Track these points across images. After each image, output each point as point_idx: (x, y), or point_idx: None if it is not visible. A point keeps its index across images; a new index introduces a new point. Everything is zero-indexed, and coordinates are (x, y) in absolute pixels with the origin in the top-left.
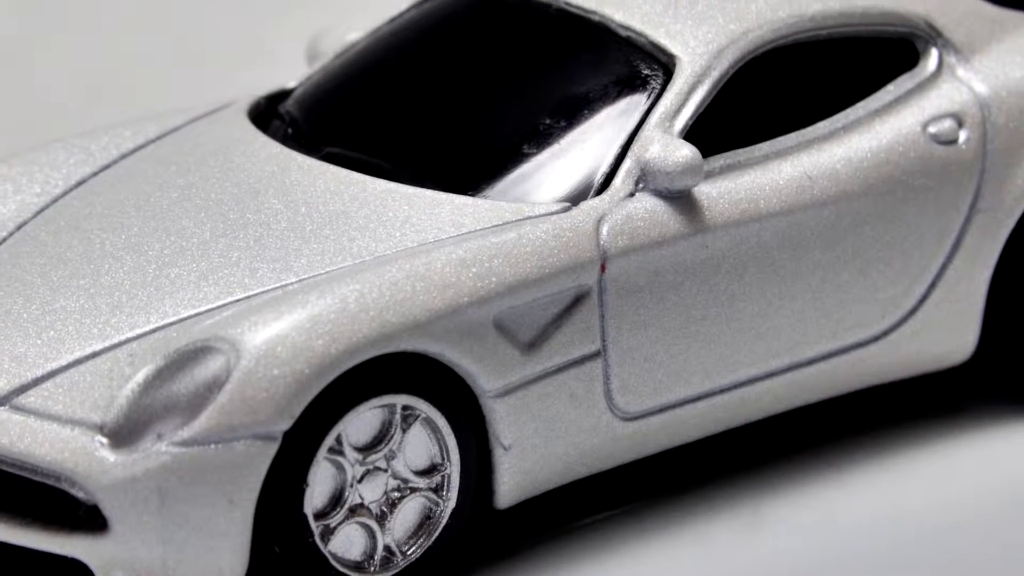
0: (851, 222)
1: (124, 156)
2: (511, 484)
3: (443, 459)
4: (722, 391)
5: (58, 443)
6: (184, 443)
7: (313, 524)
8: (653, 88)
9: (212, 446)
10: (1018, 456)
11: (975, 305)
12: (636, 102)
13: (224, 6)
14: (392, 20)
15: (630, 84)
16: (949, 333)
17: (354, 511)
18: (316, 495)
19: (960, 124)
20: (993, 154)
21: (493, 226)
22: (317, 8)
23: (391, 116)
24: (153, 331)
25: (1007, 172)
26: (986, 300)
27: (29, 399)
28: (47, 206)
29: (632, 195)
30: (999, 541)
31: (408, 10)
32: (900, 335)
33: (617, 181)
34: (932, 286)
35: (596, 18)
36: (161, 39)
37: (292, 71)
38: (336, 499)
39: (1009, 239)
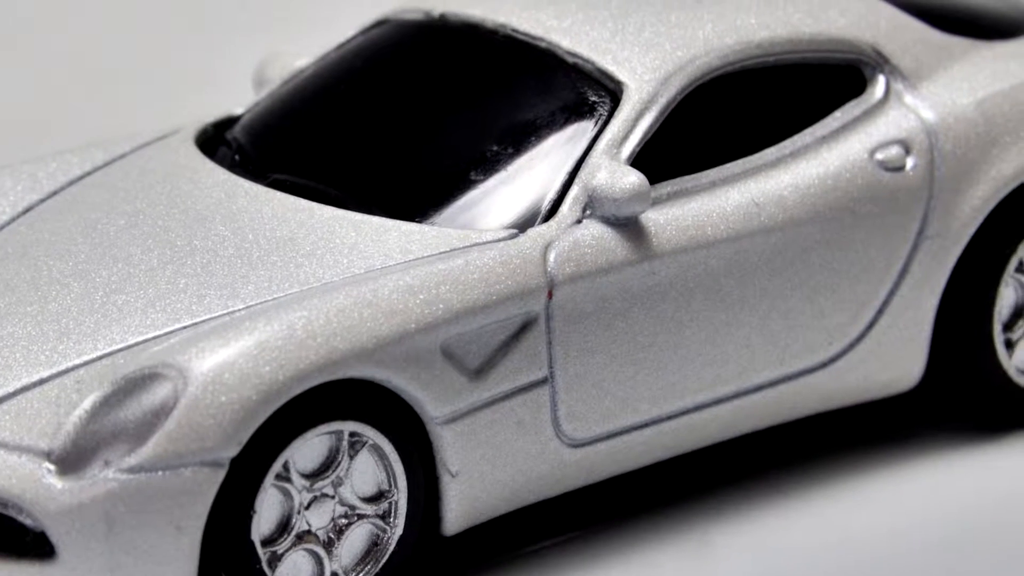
0: (798, 249)
1: (71, 183)
2: (459, 511)
3: (390, 486)
4: (669, 418)
5: (5, 470)
6: (131, 470)
7: (260, 551)
8: (600, 115)
9: (159, 473)
10: (966, 483)
11: (922, 332)
12: (583, 129)
13: (171, 33)
14: (339, 46)
15: (577, 111)
16: (896, 360)
17: (301, 538)
18: (263, 522)
19: (907, 151)
20: (940, 181)
21: (440, 253)
22: (264, 34)
23: (338, 143)
24: (100, 358)
25: (954, 199)
26: (933, 327)
27: None
28: None
29: (579, 222)
30: (947, 568)
31: (355, 36)
32: (847, 362)
33: (564, 208)
34: (879, 313)
35: (543, 45)
36: (108, 66)
37: (239, 97)
38: (283, 526)
39: (956, 266)
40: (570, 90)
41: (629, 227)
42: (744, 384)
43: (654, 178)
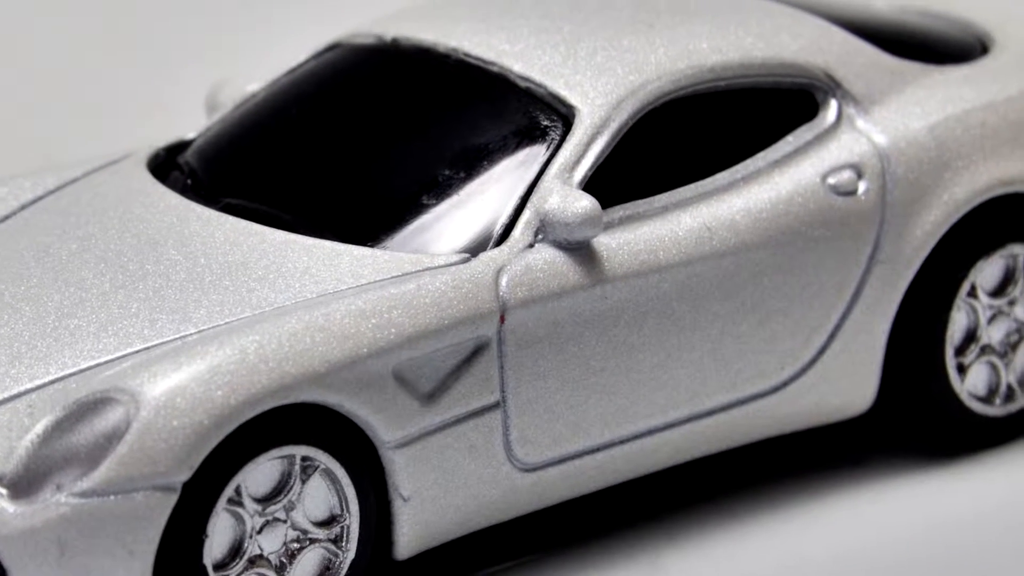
0: (750, 273)
1: (23, 207)
2: (411, 535)
3: (342, 510)
4: (622, 442)
5: None
6: (84, 494)
7: (213, 575)
8: (552, 139)
9: (112, 497)
10: (919, 506)
11: (874, 356)
12: (535, 153)
13: (123, 57)
14: (291, 71)
15: (529, 135)
16: (849, 384)
17: (253, 562)
18: (215, 546)
19: (859, 175)
20: (892, 205)
21: (392, 277)
22: (216, 59)
23: (290, 167)
24: (52, 382)
25: (906, 223)
26: (886, 351)
27: None
28: None
29: (531, 246)
30: None
31: (307, 60)
32: (799, 386)
33: (516, 232)
34: (831, 337)
35: (495, 69)
36: (60, 90)
37: (191, 122)
38: (236, 550)
39: (908, 290)
40: (522, 114)
41: (581, 251)
42: (696, 408)
43: (606, 202)
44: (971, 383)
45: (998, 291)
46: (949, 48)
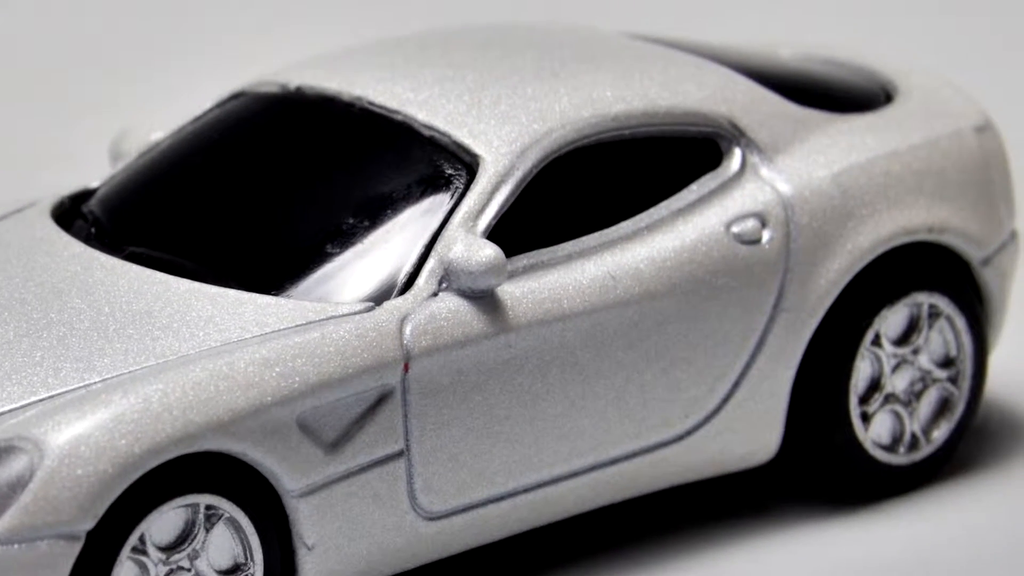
0: (654, 322)
1: None
2: None
3: (247, 559)
4: (526, 490)
5: None
6: None
7: None
8: (457, 187)
9: (15, 546)
10: (822, 555)
11: (779, 405)
12: (440, 201)
13: (25, 106)
14: (195, 119)
15: (434, 183)
16: (753, 433)
17: None
18: None
19: (763, 224)
20: (796, 253)
21: (296, 325)
22: (120, 108)
23: (194, 215)
24: None
25: (810, 271)
26: (790, 400)
27: None
28: None
29: (436, 295)
30: None
31: (211, 109)
32: (704, 435)
33: (420, 281)
34: (736, 386)
35: (399, 117)
36: None
37: (95, 171)
38: None
39: (812, 338)
40: (426, 163)
41: (485, 300)
42: (601, 457)
43: (510, 251)
44: (875, 432)
45: (902, 340)
46: (853, 97)
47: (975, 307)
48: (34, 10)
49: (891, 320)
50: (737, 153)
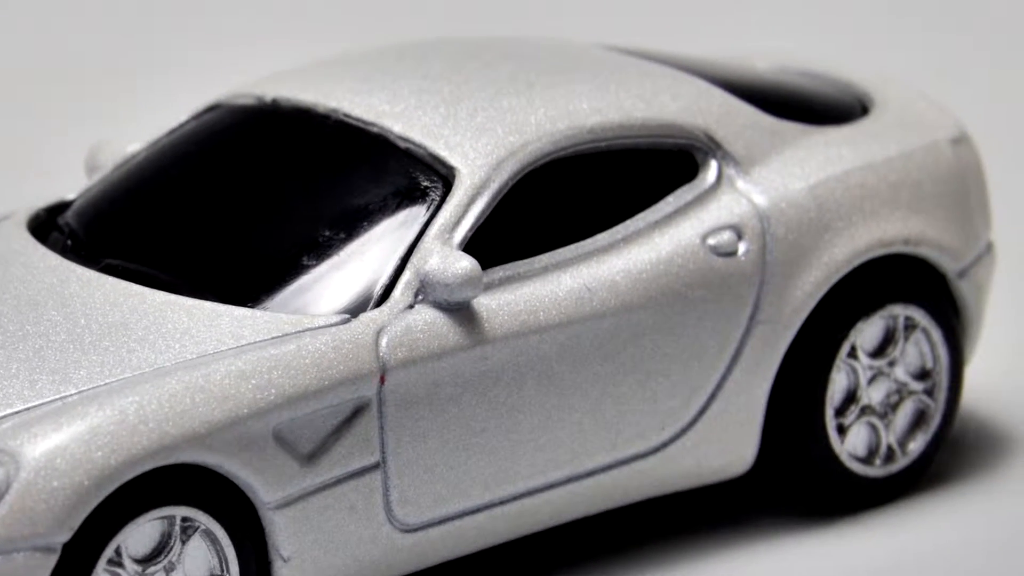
0: (630, 334)
1: None
2: None
3: (223, 571)
4: (502, 502)
5: None
6: None
7: None
8: (432, 200)
9: None
10: (798, 567)
11: (755, 417)
12: (415, 214)
13: (1, 118)
14: (171, 131)
15: (409, 196)
16: (729, 445)
17: None
18: None
19: (739, 236)
20: (772, 265)
21: (272, 338)
22: (96, 120)
23: (170, 227)
24: None
25: (786, 284)
26: (766, 412)
27: None
28: None
29: (411, 307)
30: None
31: (187, 121)
32: (679, 447)
33: (396, 293)
34: (712, 398)
35: (375, 130)
36: None
37: (72, 183)
38: None
39: (788, 351)
40: (402, 175)
41: (461, 312)
42: (577, 469)
43: (486, 263)
44: (851, 444)
45: (878, 352)
46: (829, 109)
47: (951, 319)
48: (9, 22)
49: (867, 332)
50: (713, 165)
